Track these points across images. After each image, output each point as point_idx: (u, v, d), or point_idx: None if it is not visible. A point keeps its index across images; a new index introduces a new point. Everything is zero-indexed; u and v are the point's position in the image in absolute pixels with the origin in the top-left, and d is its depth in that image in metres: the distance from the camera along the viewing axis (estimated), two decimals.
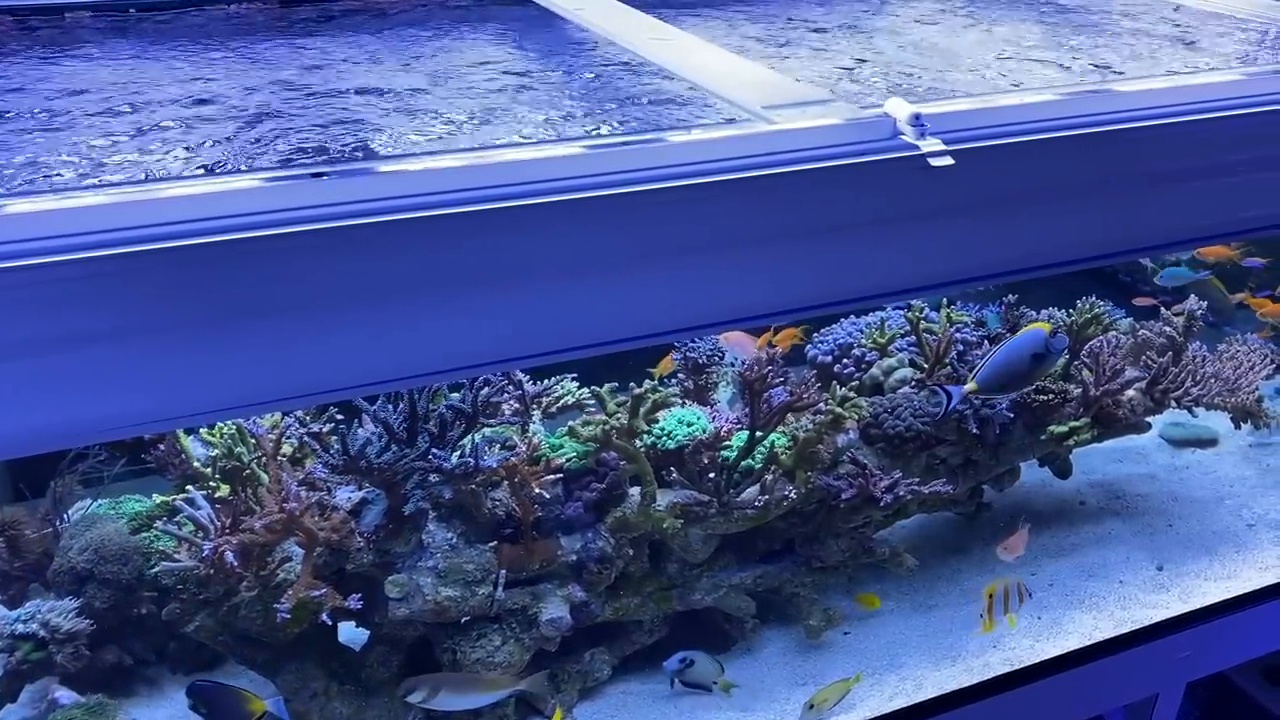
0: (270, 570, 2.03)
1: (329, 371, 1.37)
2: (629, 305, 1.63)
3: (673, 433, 2.24)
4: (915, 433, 2.35)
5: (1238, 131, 1.93)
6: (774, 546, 2.45)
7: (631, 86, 1.83)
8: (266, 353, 1.28)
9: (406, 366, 1.42)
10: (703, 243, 1.61)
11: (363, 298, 1.32)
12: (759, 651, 2.47)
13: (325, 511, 2.04)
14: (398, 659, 2.22)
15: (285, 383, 1.33)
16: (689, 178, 1.59)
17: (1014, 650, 2.43)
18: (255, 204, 1.22)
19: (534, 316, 1.50)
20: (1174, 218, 1.96)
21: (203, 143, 1.44)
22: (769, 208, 1.66)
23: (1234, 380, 2.63)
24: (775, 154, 1.67)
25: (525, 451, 2.05)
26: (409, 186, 1.33)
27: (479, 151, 1.46)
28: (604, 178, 1.48)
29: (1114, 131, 1.84)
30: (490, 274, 1.42)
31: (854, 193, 1.71)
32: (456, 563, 2.12)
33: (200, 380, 1.26)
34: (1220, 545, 2.75)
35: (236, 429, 2.06)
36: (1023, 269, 1.89)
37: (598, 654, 2.33)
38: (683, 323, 1.69)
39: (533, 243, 1.44)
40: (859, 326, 2.62)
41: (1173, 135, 1.86)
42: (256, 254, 1.21)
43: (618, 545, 2.22)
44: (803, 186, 1.68)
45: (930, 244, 1.82)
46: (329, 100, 1.63)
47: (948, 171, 1.75)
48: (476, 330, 1.47)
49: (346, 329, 1.33)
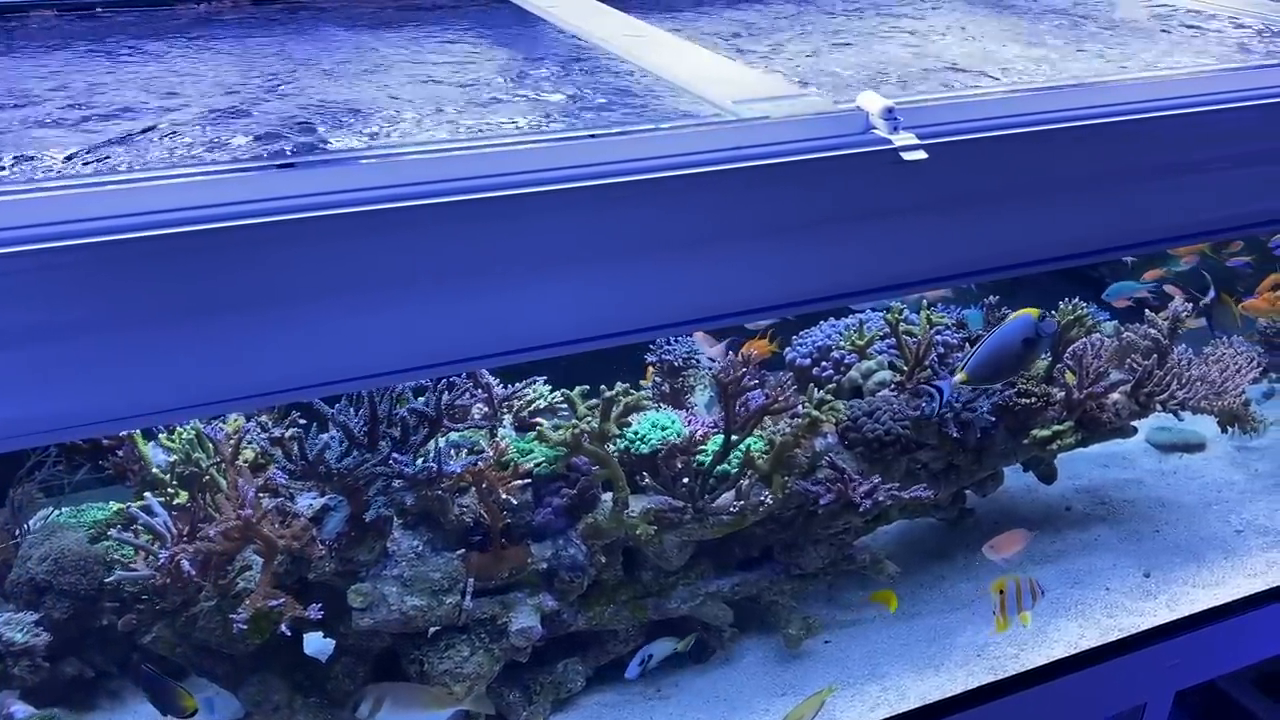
0: (229, 579, 1.95)
1: (287, 369, 1.32)
2: (596, 303, 1.57)
3: (646, 437, 2.17)
4: (895, 436, 2.27)
5: (1221, 127, 1.87)
6: (752, 553, 2.37)
7: (603, 83, 1.77)
8: (226, 349, 1.23)
9: (363, 365, 1.36)
10: (670, 240, 1.55)
11: (326, 291, 1.27)
12: (738, 661, 2.39)
13: (286, 519, 1.96)
14: (364, 671, 2.13)
15: (243, 381, 1.28)
16: (655, 172, 1.53)
17: (998, 659, 2.35)
18: (216, 196, 1.17)
19: (498, 314, 1.45)
20: (1157, 215, 1.89)
21: (161, 136, 1.38)
22: (738, 203, 1.60)
23: (1220, 383, 2.56)
24: (744, 149, 1.61)
25: (492, 456, 1.97)
26: (372, 179, 1.27)
27: (443, 144, 1.41)
28: (569, 171, 1.44)
29: (1093, 126, 1.78)
30: (454, 269, 1.38)
31: (826, 188, 1.64)
32: (422, 571, 2.04)
33: (155, 378, 1.21)
34: (1208, 551, 2.68)
35: (196, 433, 1.99)
36: (1001, 267, 1.83)
37: (571, 664, 2.25)
38: (650, 322, 1.63)
39: (495, 238, 1.39)
40: (838, 328, 2.55)
41: (1154, 131, 1.81)
42: (217, 247, 1.15)
43: (590, 552, 2.14)
44: (773, 181, 1.62)
45: (905, 241, 1.76)
46: (295, 97, 1.57)
47: (922, 167, 1.69)
48: (440, 327, 1.41)
49: (303, 326, 1.28)
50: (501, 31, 2.07)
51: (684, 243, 1.55)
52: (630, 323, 1.57)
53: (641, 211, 1.50)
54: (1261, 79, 1.88)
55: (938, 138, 1.67)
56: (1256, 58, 2.02)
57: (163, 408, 1.24)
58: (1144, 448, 3.14)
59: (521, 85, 1.70)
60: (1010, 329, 1.70)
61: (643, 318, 1.58)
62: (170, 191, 1.16)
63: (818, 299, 1.75)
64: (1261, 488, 2.95)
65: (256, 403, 1.70)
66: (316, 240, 1.25)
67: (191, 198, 1.17)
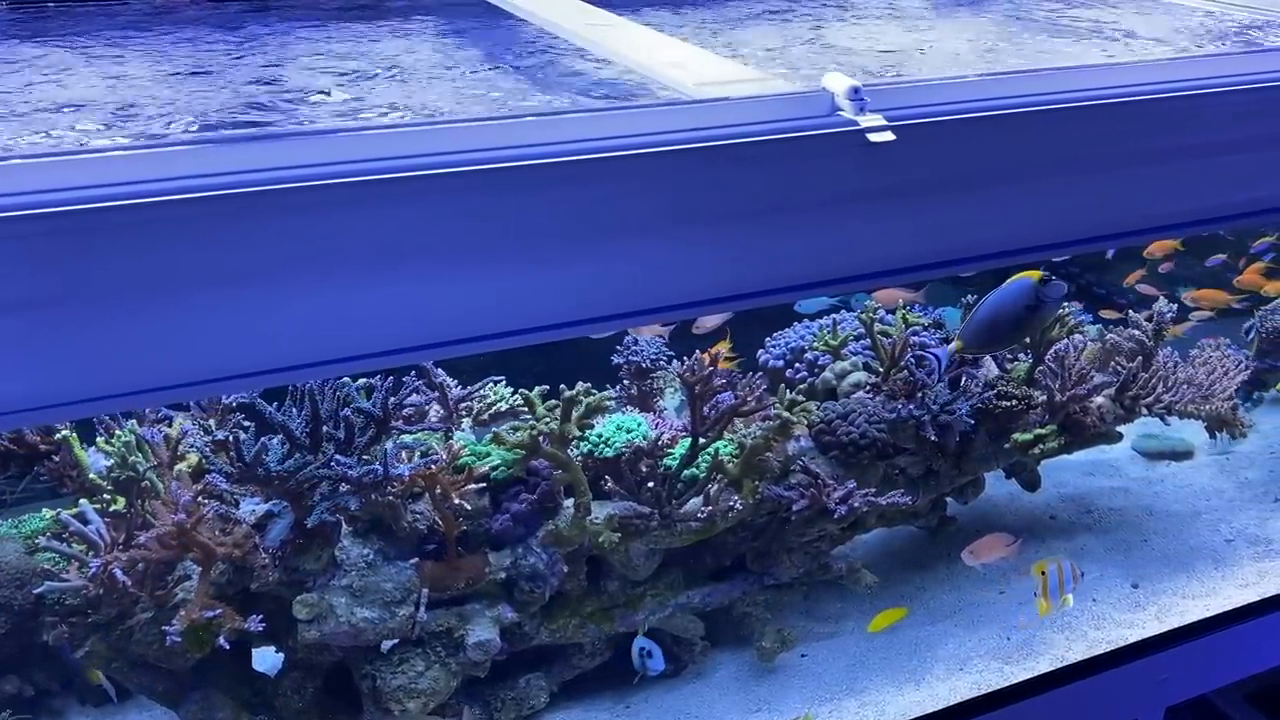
0: (167, 590, 1.81)
1: (207, 358, 1.20)
2: (539, 292, 1.45)
3: (610, 440, 2.04)
4: (871, 440, 2.14)
5: (1210, 112, 1.76)
6: (723, 563, 2.23)
7: (562, 66, 1.66)
8: (141, 334, 1.12)
9: (302, 353, 1.25)
10: (620, 225, 1.43)
11: (255, 274, 1.16)
12: (709, 676, 2.25)
13: (228, 525, 1.83)
14: (313, 686, 1.99)
15: (161, 370, 1.16)
16: (602, 152, 1.41)
17: (982, 674, 2.22)
18: (128, 172, 1.06)
19: (439, 300, 1.33)
20: (1141, 204, 1.78)
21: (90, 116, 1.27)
22: (694, 186, 1.49)
23: (1208, 386, 2.43)
24: (703, 129, 1.50)
25: (445, 459, 1.84)
26: (298, 156, 1.16)
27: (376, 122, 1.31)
28: (509, 151, 1.32)
29: (1072, 110, 1.68)
30: (382, 253, 1.26)
31: (788, 171, 1.53)
32: (373, 581, 1.90)
33: (68, 366, 1.09)
34: (1198, 561, 2.55)
35: (134, 437, 1.86)
36: (974, 258, 1.71)
37: (534, 680, 2.11)
38: (600, 312, 1.50)
39: (427, 220, 1.27)
40: (811, 329, 2.42)
41: (1139, 115, 1.70)
42: (131, 225, 1.05)
43: (551, 561, 2.00)
44: (732, 163, 1.51)
45: (873, 228, 1.64)
46: (239, 85, 1.45)
47: (891, 150, 1.58)
48: (375, 314, 1.30)
49: (228, 309, 1.17)
50: (471, 23, 1.96)
51: (635, 228, 1.43)
52: (577, 313, 1.46)
53: (588, 193, 1.39)
54: (1248, 64, 1.78)
55: (907, 119, 1.57)
56: (1238, 45, 1.92)
57: (79, 398, 1.14)
58: (1130, 455, 3.02)
59: (474, 69, 1.59)
60: (1009, 292, 1.56)
61: (591, 308, 1.46)
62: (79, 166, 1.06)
63: (779, 289, 1.63)
64: (1251, 496, 2.82)
65: (185, 393, 1.55)
66: (233, 219, 1.14)
67: (108, 174, 1.07)
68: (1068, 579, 2.10)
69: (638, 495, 2.00)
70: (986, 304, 1.58)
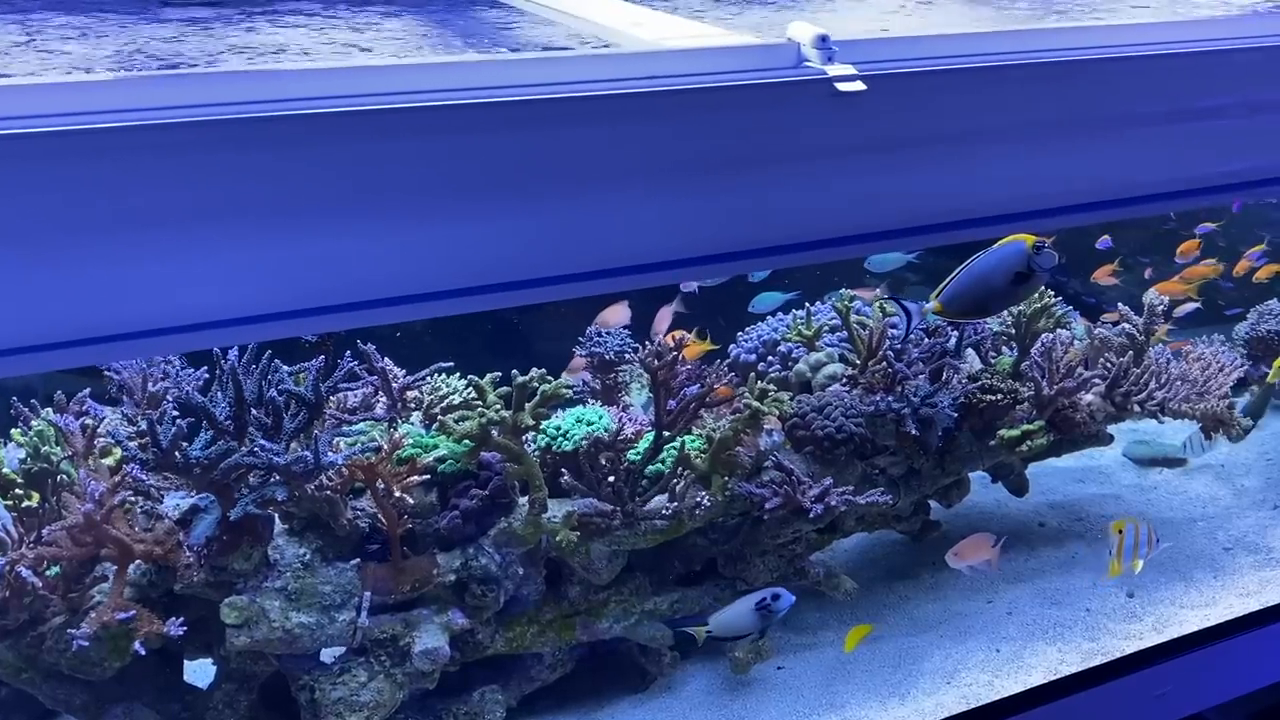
0: (81, 592, 1.62)
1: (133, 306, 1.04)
2: (472, 246, 1.29)
3: (570, 432, 1.86)
4: (848, 434, 1.97)
5: (1202, 74, 1.62)
6: (693, 567, 2.05)
7: (515, 30, 1.51)
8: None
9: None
10: (558, 174, 1.27)
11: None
12: (679, 690, 2.06)
13: (150, 521, 1.65)
14: (247, 699, 1.80)
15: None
16: (551, 94, 1.26)
17: (970, 687, 2.03)
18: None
19: (373, 251, 1.18)
20: (1127, 170, 1.63)
21: None
22: (648, 137, 1.34)
23: (1203, 382, 2.26)
24: (658, 77, 1.34)
25: (386, 449, 1.66)
26: (251, 91, 1.03)
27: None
28: (454, 92, 1.18)
29: (1053, 65, 1.53)
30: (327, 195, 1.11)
31: (751, 123, 1.38)
32: (310, 583, 1.72)
33: None
34: (1196, 570, 2.36)
35: (50, 425, 1.68)
36: (955, 223, 1.56)
37: (489, 693, 1.91)
38: (542, 271, 1.34)
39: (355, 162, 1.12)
40: (785, 322, 2.25)
41: (1129, 73, 1.55)
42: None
43: (505, 563, 1.82)
44: (690, 112, 1.36)
45: (845, 188, 1.48)
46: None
47: (863, 104, 1.43)
48: (306, 263, 1.14)
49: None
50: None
51: (581, 178, 1.28)
52: (508, 273, 1.29)
53: (534, 139, 1.23)
54: (1244, 27, 1.64)
55: (879, 70, 1.42)
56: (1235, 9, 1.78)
57: None
58: (1121, 462, 2.84)
59: (434, 33, 1.45)
60: (997, 256, 1.39)
61: (530, 265, 1.30)
62: None
63: (745, 253, 1.47)
64: (1249, 504, 2.64)
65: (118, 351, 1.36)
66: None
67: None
68: (1143, 542, 1.96)
69: (598, 491, 1.82)
70: (972, 265, 1.42)
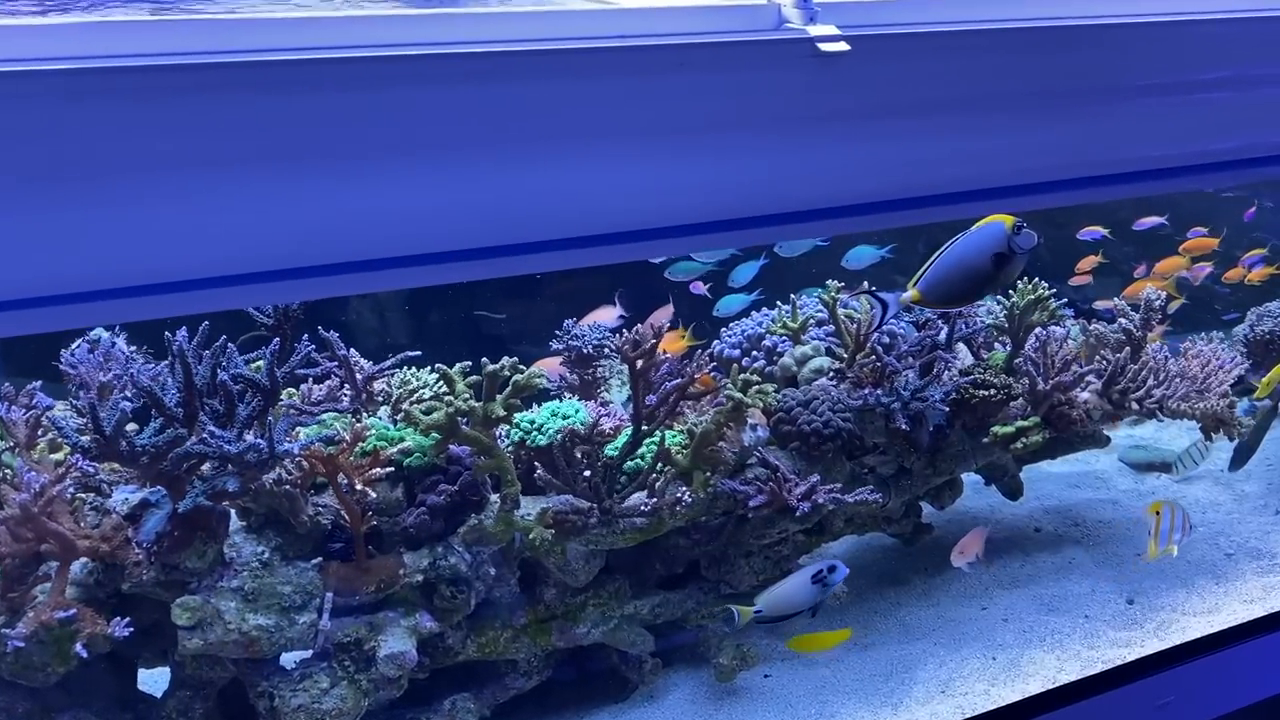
0: (22, 592, 1.51)
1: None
2: (442, 212, 1.21)
3: (545, 426, 1.76)
4: (835, 430, 1.87)
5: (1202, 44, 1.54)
6: (675, 569, 1.94)
7: None
8: None
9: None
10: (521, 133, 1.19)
11: None
12: (662, 698, 1.94)
13: (98, 516, 1.54)
14: (202, 707, 1.68)
15: None
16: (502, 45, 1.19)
17: (966, 696, 1.92)
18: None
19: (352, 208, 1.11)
20: (1122, 141, 1.55)
21: None
22: (616, 96, 1.25)
23: (1203, 379, 2.17)
24: (630, 35, 1.27)
25: (348, 439, 1.55)
26: (217, 40, 1.02)
27: None
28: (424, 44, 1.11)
29: (1046, 31, 1.45)
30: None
31: (728, 83, 1.29)
32: (269, 583, 1.61)
33: None
34: (1197, 577, 2.26)
35: None
36: (946, 195, 1.47)
37: (461, 701, 1.79)
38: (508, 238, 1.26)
39: None
40: (770, 317, 2.16)
41: (1130, 41, 1.48)
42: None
43: (476, 563, 1.71)
44: (661, 70, 1.27)
45: (827, 155, 1.40)
46: None
47: (845, 68, 1.35)
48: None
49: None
50: None
51: (539, 136, 1.19)
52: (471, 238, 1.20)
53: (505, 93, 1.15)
54: None
55: (863, 31, 1.34)
56: None
57: None
58: (1118, 467, 2.74)
59: None
60: (975, 239, 1.31)
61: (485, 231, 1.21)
62: None
63: (724, 224, 1.39)
64: (1250, 509, 2.54)
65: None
66: None
67: None
68: (1179, 525, 1.98)
69: (574, 487, 1.72)
70: (949, 250, 1.33)
